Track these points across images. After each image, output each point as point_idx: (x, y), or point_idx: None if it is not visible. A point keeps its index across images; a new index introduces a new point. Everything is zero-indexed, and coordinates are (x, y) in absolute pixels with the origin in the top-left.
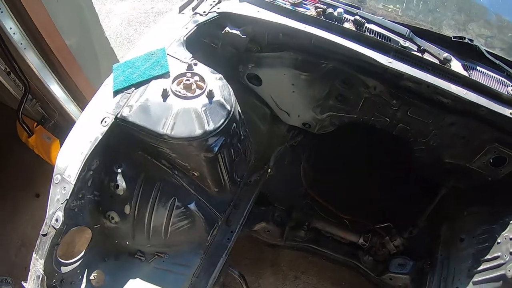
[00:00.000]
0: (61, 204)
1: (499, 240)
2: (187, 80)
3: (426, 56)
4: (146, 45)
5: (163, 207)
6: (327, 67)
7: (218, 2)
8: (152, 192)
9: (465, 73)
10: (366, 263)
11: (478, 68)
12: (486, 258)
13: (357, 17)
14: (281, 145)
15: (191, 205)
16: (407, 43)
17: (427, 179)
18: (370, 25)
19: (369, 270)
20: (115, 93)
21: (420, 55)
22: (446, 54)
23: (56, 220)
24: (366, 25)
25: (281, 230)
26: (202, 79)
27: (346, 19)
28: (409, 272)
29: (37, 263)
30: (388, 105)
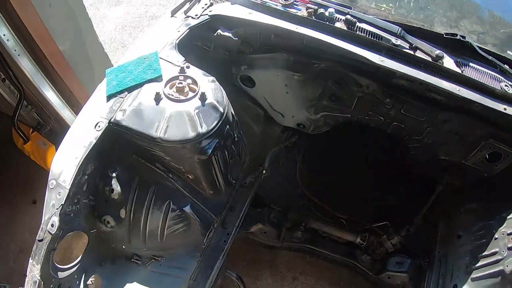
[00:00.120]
0: (57, 209)
1: (497, 236)
2: (180, 83)
3: (418, 54)
4: (139, 49)
5: (158, 211)
6: (320, 67)
7: (210, 5)
8: (147, 196)
9: (458, 70)
10: (364, 262)
11: (471, 65)
12: (484, 254)
13: (348, 17)
14: (276, 146)
15: (186, 208)
16: (399, 41)
17: (423, 177)
18: (362, 24)
19: (367, 269)
20: (109, 98)
21: (412, 53)
22: (438, 51)
23: (52, 225)
24: (358, 24)
25: (278, 231)
26: (195, 82)
27: (338, 19)
28: (407, 270)
29: (34, 269)
30: (382, 104)
